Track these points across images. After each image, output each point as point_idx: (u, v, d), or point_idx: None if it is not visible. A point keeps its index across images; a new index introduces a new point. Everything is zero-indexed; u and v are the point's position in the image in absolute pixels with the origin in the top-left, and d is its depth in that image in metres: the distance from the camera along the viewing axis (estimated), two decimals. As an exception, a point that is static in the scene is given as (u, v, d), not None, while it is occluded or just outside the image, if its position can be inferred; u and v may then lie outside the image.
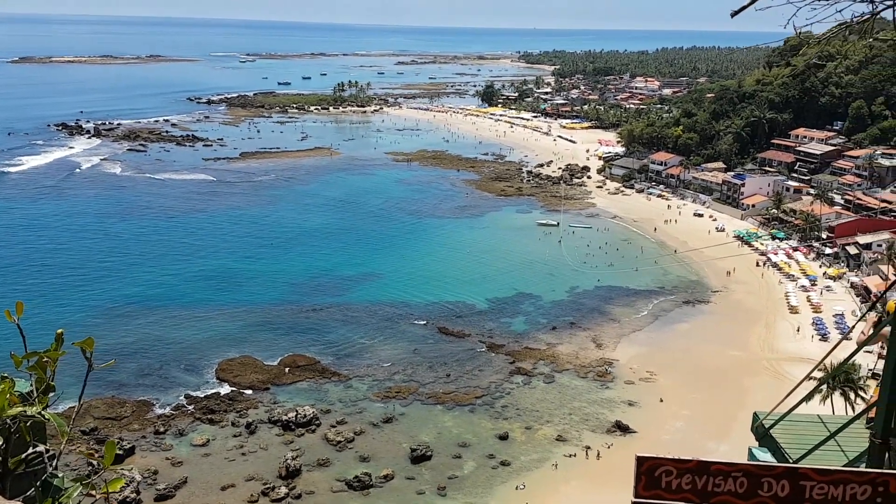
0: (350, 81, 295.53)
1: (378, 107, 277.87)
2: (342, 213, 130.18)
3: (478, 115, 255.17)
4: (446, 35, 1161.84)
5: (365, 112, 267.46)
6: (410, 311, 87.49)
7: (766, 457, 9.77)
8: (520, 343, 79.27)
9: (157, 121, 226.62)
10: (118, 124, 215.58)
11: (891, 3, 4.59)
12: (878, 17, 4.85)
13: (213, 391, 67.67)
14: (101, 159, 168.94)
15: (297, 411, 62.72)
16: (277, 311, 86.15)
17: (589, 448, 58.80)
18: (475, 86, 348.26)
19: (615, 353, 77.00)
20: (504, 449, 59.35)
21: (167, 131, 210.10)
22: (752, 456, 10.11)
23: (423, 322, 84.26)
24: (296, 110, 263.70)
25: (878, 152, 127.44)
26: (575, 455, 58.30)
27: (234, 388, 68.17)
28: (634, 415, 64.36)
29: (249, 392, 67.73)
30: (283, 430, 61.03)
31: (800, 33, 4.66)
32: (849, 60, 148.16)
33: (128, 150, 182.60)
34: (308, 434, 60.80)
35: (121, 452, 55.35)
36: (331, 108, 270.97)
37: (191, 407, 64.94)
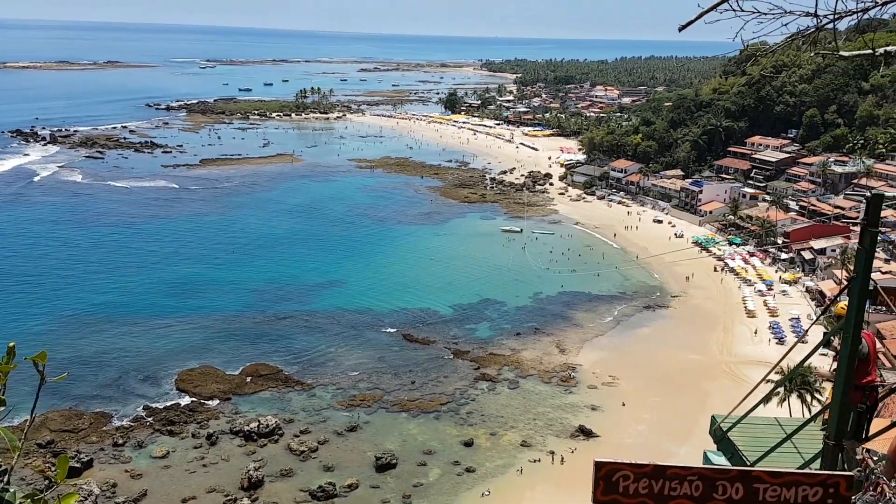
0: (312, 88, 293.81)
1: (341, 114, 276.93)
2: (306, 220, 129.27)
3: (441, 123, 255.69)
4: (409, 43, 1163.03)
5: (328, 119, 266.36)
6: (375, 318, 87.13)
7: (720, 460, 9.94)
8: (484, 349, 79.43)
9: (114, 127, 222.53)
10: (75, 131, 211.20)
11: (833, 17, 4.75)
12: (826, 29, 5.00)
13: (173, 402, 66.53)
14: (59, 167, 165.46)
15: (259, 421, 61.95)
16: (239, 320, 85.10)
17: (553, 453, 59.15)
18: (438, 93, 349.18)
19: (578, 358, 77.59)
20: (469, 455, 59.37)
21: (125, 138, 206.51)
22: (706, 460, 10.27)
23: (387, 329, 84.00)
24: (257, 117, 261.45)
25: (831, 159, 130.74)
26: (539, 460, 58.58)
27: (194, 399, 67.09)
28: (597, 419, 64.90)
29: (210, 402, 66.72)
30: (245, 441, 60.24)
31: (747, 46, 4.80)
32: (802, 70, 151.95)
33: (85, 157, 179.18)
34: (271, 444, 60.09)
35: (77, 466, 54.17)
36: (293, 115, 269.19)
37: (150, 418, 63.74)
